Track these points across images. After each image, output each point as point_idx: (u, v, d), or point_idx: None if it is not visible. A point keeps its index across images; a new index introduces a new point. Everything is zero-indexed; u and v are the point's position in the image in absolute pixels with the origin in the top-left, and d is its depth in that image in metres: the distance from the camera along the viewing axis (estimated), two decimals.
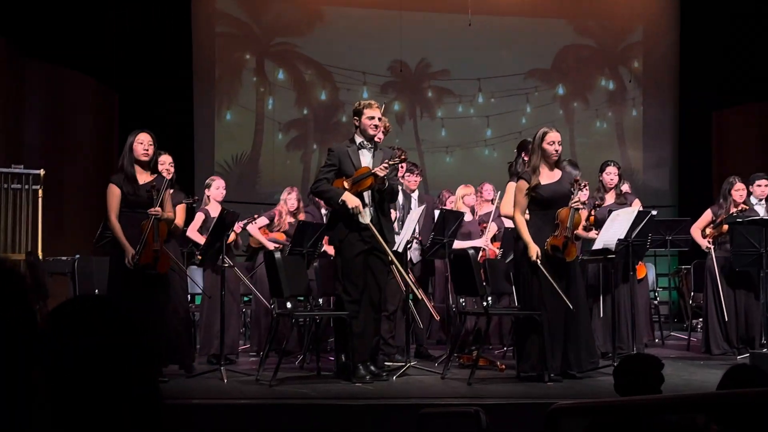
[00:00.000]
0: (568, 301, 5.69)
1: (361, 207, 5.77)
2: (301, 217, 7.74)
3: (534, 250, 5.73)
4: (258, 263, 7.69)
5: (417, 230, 7.29)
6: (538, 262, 5.72)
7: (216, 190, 7.43)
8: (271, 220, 7.79)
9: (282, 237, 7.65)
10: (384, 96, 12.57)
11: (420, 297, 6.97)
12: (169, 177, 6.39)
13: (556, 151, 5.92)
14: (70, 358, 1.42)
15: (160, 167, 6.33)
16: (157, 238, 5.78)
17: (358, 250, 5.83)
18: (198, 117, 12.03)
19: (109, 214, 5.81)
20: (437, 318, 7.52)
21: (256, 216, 7.81)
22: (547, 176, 5.94)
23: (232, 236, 7.29)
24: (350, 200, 5.77)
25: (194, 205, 6.97)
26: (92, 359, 1.42)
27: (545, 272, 5.70)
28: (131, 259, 5.65)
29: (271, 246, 7.57)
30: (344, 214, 5.82)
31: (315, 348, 6.73)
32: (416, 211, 7.01)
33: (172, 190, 6.14)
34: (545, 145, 5.91)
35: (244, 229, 7.66)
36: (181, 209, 6.45)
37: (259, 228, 7.72)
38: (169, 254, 5.88)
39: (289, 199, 7.82)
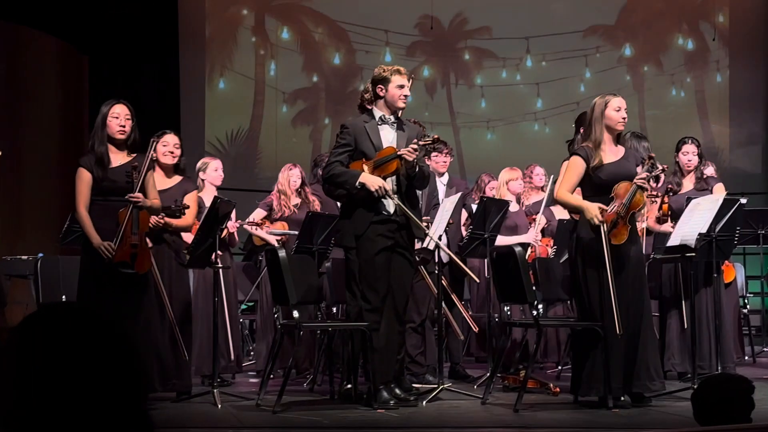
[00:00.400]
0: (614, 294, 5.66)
1: (387, 187, 5.76)
2: (315, 203, 7.71)
3: (594, 211, 5.69)
4: (263, 265, 7.70)
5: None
6: (603, 227, 5.68)
7: (214, 172, 7.44)
8: (270, 208, 7.78)
9: (284, 226, 7.64)
10: (411, 59, 12.60)
11: (454, 304, 6.97)
12: (174, 162, 6.45)
13: (624, 119, 5.90)
14: (38, 381, 1.41)
15: (162, 149, 6.39)
16: (137, 230, 5.79)
17: (379, 246, 5.82)
18: (185, 86, 12.09)
19: (77, 203, 5.85)
20: (476, 330, 7.52)
21: (257, 222, 7.72)
22: (610, 153, 5.92)
23: (231, 226, 7.33)
24: (372, 180, 5.76)
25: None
26: (65, 384, 1.41)
27: (606, 249, 5.65)
28: (106, 251, 5.66)
29: (273, 241, 7.62)
30: (363, 202, 5.82)
31: (328, 366, 6.76)
32: (450, 199, 7.00)
33: (152, 172, 6.14)
34: (610, 112, 5.88)
35: (241, 228, 7.65)
36: (193, 199, 6.43)
37: (260, 222, 7.71)
38: (148, 251, 5.88)
39: (292, 176, 7.81)
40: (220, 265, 6.32)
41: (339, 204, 6.57)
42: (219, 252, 7.01)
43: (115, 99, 6.06)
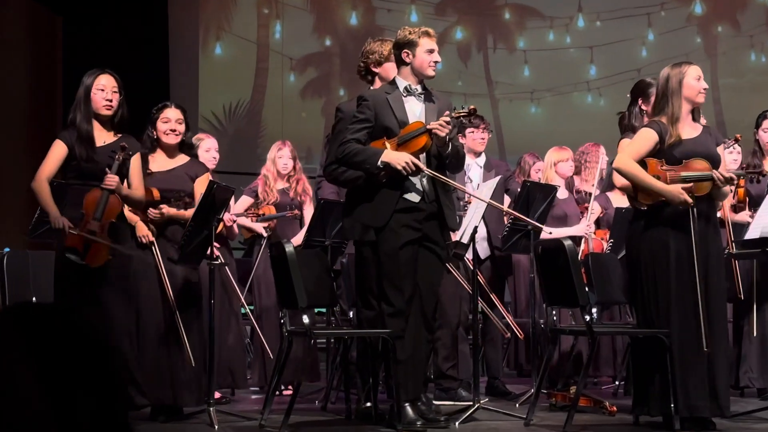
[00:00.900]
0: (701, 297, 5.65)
1: (418, 163, 5.72)
2: (306, 192, 7.75)
3: (677, 189, 5.65)
4: (255, 258, 7.74)
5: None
6: (692, 212, 5.64)
7: (206, 153, 7.46)
8: (256, 194, 7.80)
9: (271, 210, 7.66)
10: (440, 19, 12.57)
11: (492, 308, 6.97)
12: (177, 141, 6.47)
13: (705, 90, 5.88)
14: (7, 393, 1.43)
15: (163, 127, 6.42)
16: (99, 216, 5.78)
17: (404, 239, 5.82)
18: (175, 51, 12.12)
19: (38, 172, 5.87)
20: (521, 337, 7.51)
21: (257, 213, 7.76)
22: (688, 129, 5.89)
23: (226, 218, 7.34)
24: (397, 158, 5.71)
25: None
26: (33, 393, 1.42)
27: (694, 240, 5.62)
28: (62, 226, 5.69)
29: (260, 229, 7.66)
30: (384, 187, 5.81)
31: (344, 381, 6.79)
32: (488, 184, 6.99)
33: (139, 157, 6.18)
34: (690, 82, 5.84)
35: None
36: (205, 184, 6.43)
37: (246, 210, 7.73)
38: (106, 246, 5.84)
39: (280, 157, 7.83)
40: (217, 261, 6.35)
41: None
42: (216, 245, 7.06)
43: (99, 68, 6.08)
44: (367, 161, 5.78)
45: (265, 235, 7.63)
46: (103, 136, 5.98)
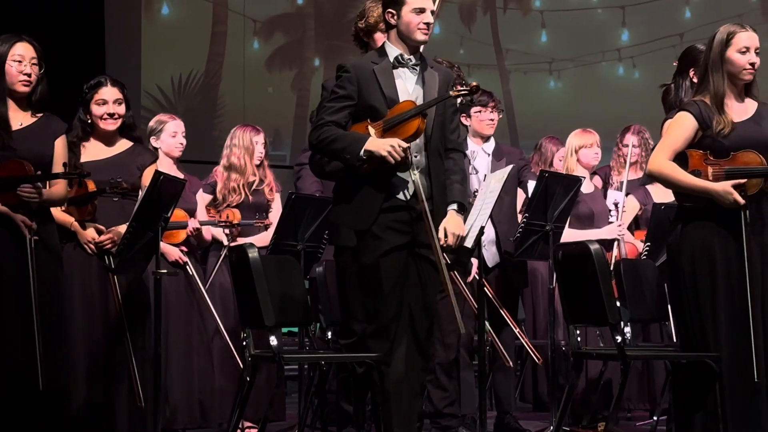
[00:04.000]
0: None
1: (403, 146, 5.67)
2: (271, 185, 7.75)
3: (727, 188, 5.64)
4: (211, 268, 7.75)
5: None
6: (745, 215, 5.64)
7: (172, 138, 7.51)
8: (213, 191, 7.78)
9: (235, 215, 7.64)
10: None
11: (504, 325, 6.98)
12: (116, 126, 6.47)
13: (752, 65, 5.86)
14: None
15: (98, 110, 6.41)
16: None
17: (389, 245, 5.79)
18: (111, 12, 12.08)
19: None
20: (539, 362, 7.50)
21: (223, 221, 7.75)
22: (737, 110, 5.88)
23: (190, 227, 7.35)
24: (381, 146, 5.67)
25: None
26: None
27: (746, 246, 5.62)
28: None
29: (221, 235, 7.66)
30: (369, 181, 5.79)
31: (321, 416, 6.79)
32: (495, 175, 7.00)
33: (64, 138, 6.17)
34: (733, 55, 5.84)
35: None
36: (150, 176, 6.43)
37: (226, 218, 7.74)
38: None
39: (257, 143, 7.82)
40: (163, 271, 6.36)
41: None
42: (171, 252, 7.07)
43: (15, 34, 6.07)
44: (347, 149, 5.70)
45: (225, 242, 7.58)
46: (19, 118, 5.98)
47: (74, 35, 11.14)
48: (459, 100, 6.13)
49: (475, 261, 7.15)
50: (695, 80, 6.43)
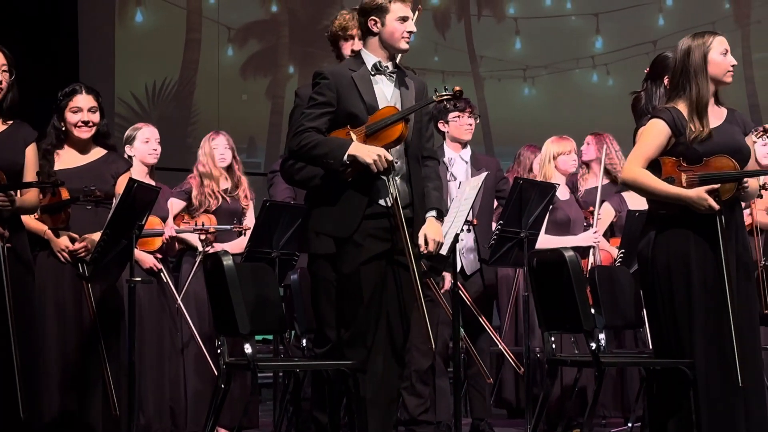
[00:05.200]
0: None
1: (389, 159, 5.65)
2: (244, 187, 7.75)
3: (701, 198, 5.63)
4: (185, 275, 7.74)
5: (472, 215, 7.31)
6: (720, 220, 5.63)
7: (145, 145, 7.53)
8: (188, 197, 7.78)
9: (211, 221, 7.64)
10: None
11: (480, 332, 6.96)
12: (91, 134, 6.44)
13: (732, 67, 5.86)
14: None
15: (72, 118, 6.38)
16: None
17: (370, 253, 5.79)
18: (84, 19, 12.05)
19: None
20: (521, 371, 7.50)
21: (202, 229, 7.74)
22: (712, 116, 5.88)
23: (166, 234, 7.34)
24: (366, 152, 5.65)
25: None
26: None
27: (724, 254, 5.62)
28: None
29: (196, 241, 7.64)
30: (350, 187, 5.77)
31: (296, 425, 6.78)
32: (471, 183, 7.00)
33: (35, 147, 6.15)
34: (715, 57, 5.84)
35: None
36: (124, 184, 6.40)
37: (175, 217, 7.73)
38: None
39: (215, 147, 7.85)
40: (137, 279, 6.33)
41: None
42: (145, 259, 7.06)
43: None
44: (330, 155, 5.67)
45: (200, 249, 7.57)
46: None
47: (47, 42, 11.10)
48: (433, 107, 6.14)
49: (447, 275, 7.18)
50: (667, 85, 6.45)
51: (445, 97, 5.80)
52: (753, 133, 6.07)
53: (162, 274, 7.39)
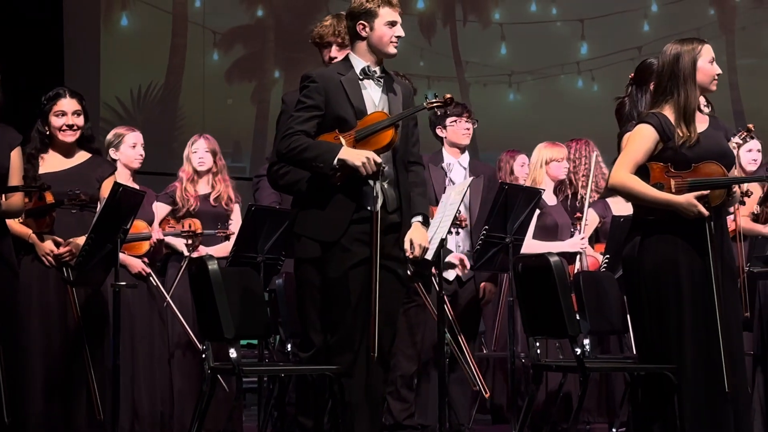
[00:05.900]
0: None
1: (378, 161, 5.62)
2: (228, 189, 7.75)
3: (691, 200, 5.63)
4: (171, 279, 7.73)
5: (469, 221, 7.32)
6: (709, 226, 5.63)
7: (132, 150, 7.54)
8: (173, 200, 7.80)
9: (197, 225, 7.64)
10: None
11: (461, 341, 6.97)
12: (75, 138, 6.45)
13: (718, 75, 5.87)
14: None
15: (57, 121, 6.40)
16: None
17: (357, 257, 5.78)
18: (70, 23, 12.03)
19: None
20: (487, 395, 7.49)
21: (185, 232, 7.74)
22: (698, 122, 5.87)
23: (153, 238, 7.33)
24: (355, 156, 5.63)
25: None
26: None
27: (713, 260, 5.63)
28: None
29: (181, 245, 7.64)
30: (339, 192, 5.75)
31: (279, 426, 6.77)
32: (454, 188, 6.98)
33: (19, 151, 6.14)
34: (704, 65, 5.84)
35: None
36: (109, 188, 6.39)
37: (161, 221, 7.73)
38: None
39: (194, 151, 7.89)
40: (122, 283, 6.34)
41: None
42: (133, 263, 7.05)
43: None
44: (320, 158, 5.65)
45: (186, 253, 7.56)
46: None
47: (32, 46, 11.07)
48: (431, 113, 6.15)
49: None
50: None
51: (435, 105, 5.81)
52: (736, 135, 6.07)
53: (151, 278, 7.38)
